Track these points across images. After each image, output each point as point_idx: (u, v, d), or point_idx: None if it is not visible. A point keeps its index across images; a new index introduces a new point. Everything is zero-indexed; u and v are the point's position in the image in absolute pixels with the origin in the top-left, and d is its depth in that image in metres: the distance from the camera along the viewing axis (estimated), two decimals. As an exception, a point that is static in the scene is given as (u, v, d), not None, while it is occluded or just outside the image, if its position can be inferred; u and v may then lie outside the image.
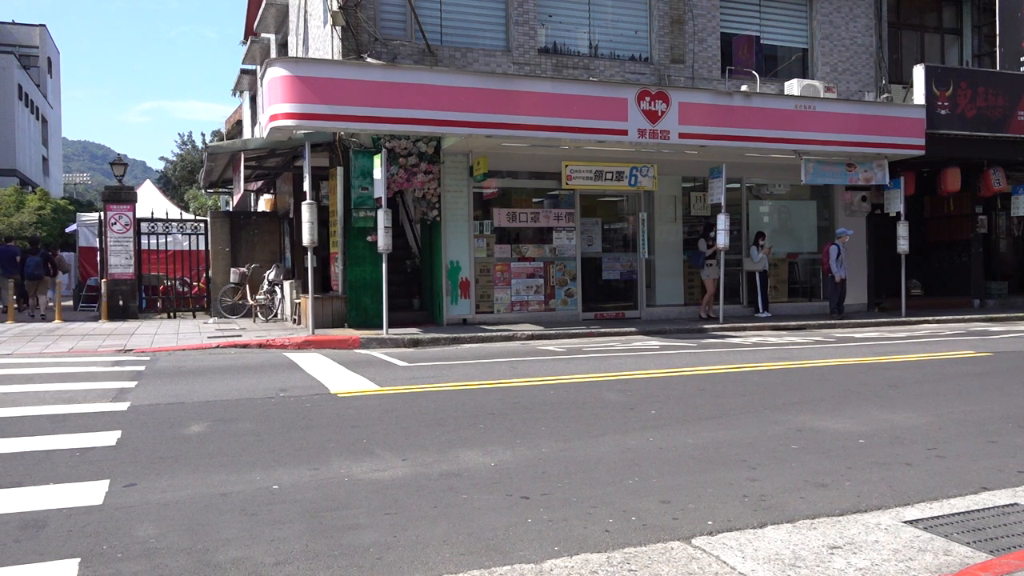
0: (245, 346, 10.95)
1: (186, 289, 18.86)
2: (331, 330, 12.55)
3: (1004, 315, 15.48)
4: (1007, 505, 3.50)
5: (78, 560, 2.96)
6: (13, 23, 53.38)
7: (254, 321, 15.53)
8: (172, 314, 17.74)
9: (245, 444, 4.90)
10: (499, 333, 12.03)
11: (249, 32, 24.17)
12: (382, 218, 11.78)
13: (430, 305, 14.11)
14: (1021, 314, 15.56)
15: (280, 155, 15.36)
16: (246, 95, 28.13)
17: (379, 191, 11.95)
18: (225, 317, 16.37)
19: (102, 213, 17.94)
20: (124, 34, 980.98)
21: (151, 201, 22.25)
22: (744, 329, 13.34)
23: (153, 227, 17.95)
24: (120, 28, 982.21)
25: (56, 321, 15.97)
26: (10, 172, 42.65)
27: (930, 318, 14.76)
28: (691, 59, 15.59)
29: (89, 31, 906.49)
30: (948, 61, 18.73)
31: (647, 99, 12.84)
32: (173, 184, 51.82)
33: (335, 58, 13.25)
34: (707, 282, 14.84)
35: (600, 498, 3.67)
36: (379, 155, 11.96)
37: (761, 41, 16.61)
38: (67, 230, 28.23)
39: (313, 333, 11.95)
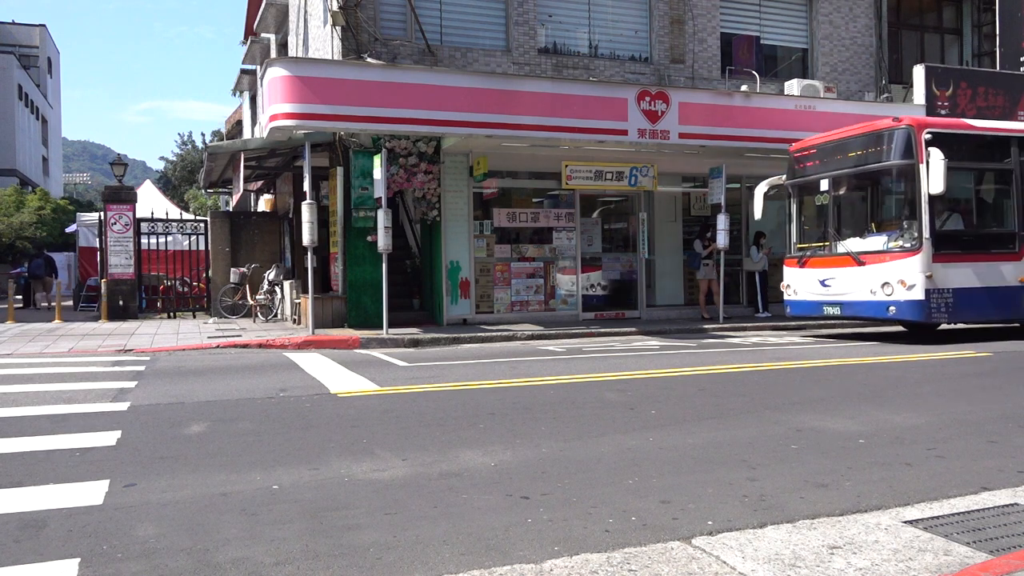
0: (245, 346, 10.95)
1: (186, 289, 18.86)
2: (331, 330, 12.55)
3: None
4: (1007, 505, 3.50)
5: (78, 560, 2.96)
6: (13, 23, 53.40)
7: (254, 321, 15.53)
8: (172, 314, 17.74)
9: (245, 444, 4.90)
10: (499, 333, 12.04)
11: (249, 32, 24.18)
12: (382, 218, 11.78)
13: (430, 305, 14.11)
14: None
15: (280, 155, 15.36)
16: (246, 95, 28.14)
17: (379, 191, 11.96)
18: (225, 317, 16.37)
19: (102, 213, 17.94)
20: (121, 34, 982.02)
21: (151, 201, 22.25)
22: (744, 329, 13.33)
23: (153, 227, 17.95)
24: (117, 28, 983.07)
25: (56, 321, 15.96)
26: (10, 172, 42.67)
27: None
28: (691, 59, 15.59)
29: (86, 31, 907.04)
30: (948, 61, 18.73)
31: (647, 99, 12.85)
32: (173, 184, 51.84)
33: (335, 58, 13.25)
34: (701, 282, 14.85)
35: (600, 498, 3.67)
36: (379, 155, 11.96)
37: (761, 41, 16.62)
38: (67, 230, 28.25)
39: (313, 333, 11.95)
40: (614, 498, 3.67)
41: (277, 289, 16.21)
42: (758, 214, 13.20)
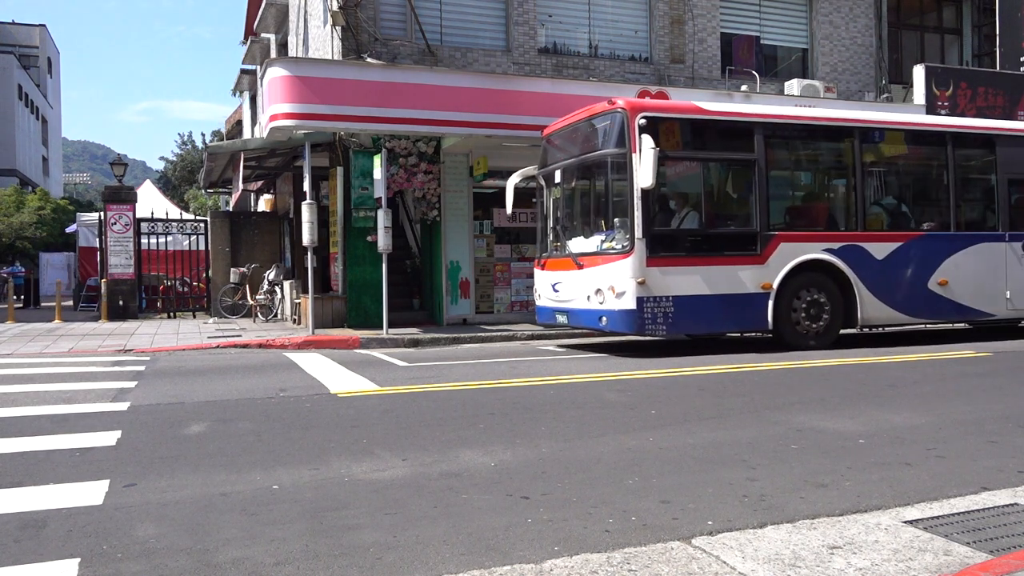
0: (245, 346, 10.96)
1: (186, 289, 18.86)
2: (331, 330, 12.55)
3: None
4: (1007, 505, 3.50)
5: (78, 560, 2.96)
6: (13, 23, 53.42)
7: (254, 321, 15.53)
8: (172, 314, 17.74)
9: (245, 444, 4.90)
10: (499, 333, 12.03)
11: (249, 32, 24.18)
12: (382, 218, 11.78)
13: (430, 305, 14.11)
14: None
15: (280, 155, 15.36)
16: (246, 95, 28.13)
17: (379, 191, 11.96)
18: (225, 317, 16.37)
19: (102, 213, 17.96)
20: (120, 34, 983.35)
21: (151, 201, 22.27)
22: (744, 329, 13.31)
23: (153, 227, 17.96)
24: (116, 28, 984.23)
25: (56, 321, 15.96)
26: (10, 172, 42.69)
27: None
28: (691, 59, 15.59)
29: (86, 31, 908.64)
30: (948, 61, 18.73)
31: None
32: (173, 184, 51.85)
33: (335, 58, 13.26)
34: None
35: (600, 498, 3.67)
36: (379, 155, 11.96)
37: (761, 41, 16.62)
38: (67, 230, 28.26)
39: (313, 333, 11.95)
40: (614, 498, 3.67)
41: (277, 289, 16.21)
42: (509, 209, 11.66)
